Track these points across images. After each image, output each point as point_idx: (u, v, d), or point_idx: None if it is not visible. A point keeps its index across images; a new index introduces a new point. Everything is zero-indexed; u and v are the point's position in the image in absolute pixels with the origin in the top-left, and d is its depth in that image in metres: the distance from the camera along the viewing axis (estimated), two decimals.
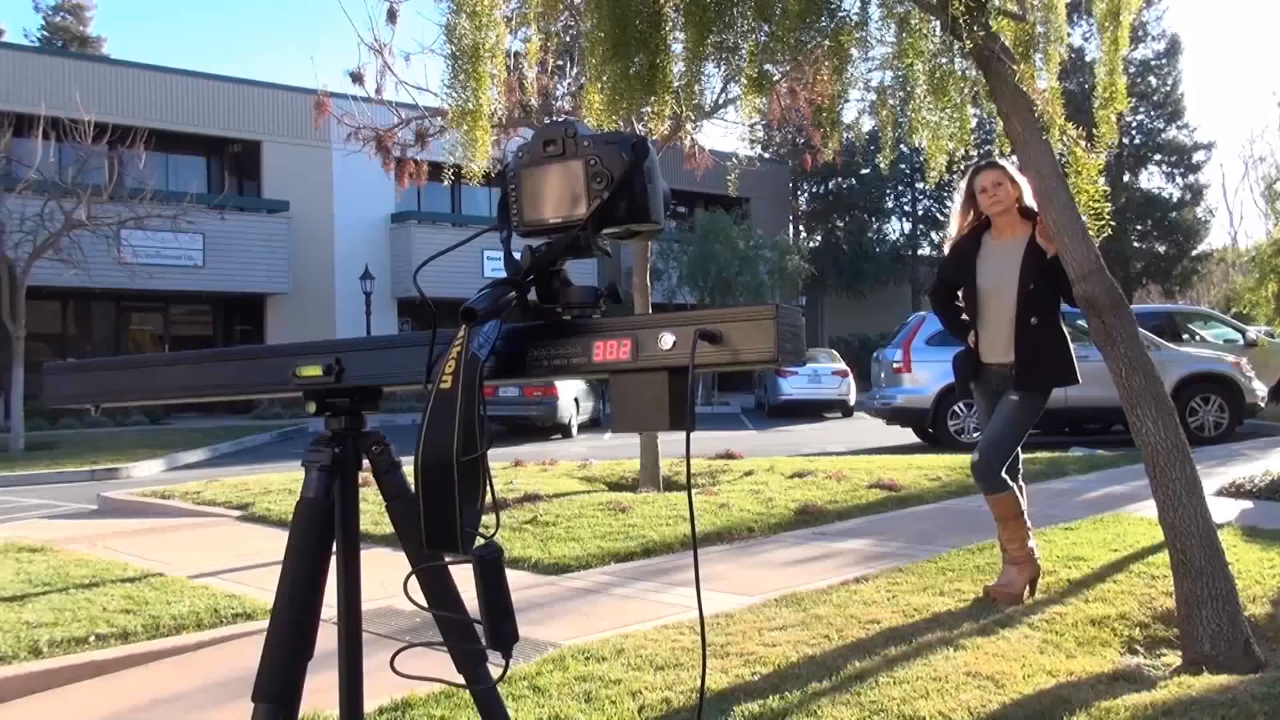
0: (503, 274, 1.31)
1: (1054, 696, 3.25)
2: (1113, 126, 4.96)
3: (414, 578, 1.35)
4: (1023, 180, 4.55)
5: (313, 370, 1.35)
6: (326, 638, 1.48)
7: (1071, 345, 4.63)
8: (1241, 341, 15.89)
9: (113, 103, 21.82)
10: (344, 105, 10.10)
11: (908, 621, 4.22)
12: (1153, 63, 38.58)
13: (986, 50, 4.21)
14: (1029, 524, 4.67)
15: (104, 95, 21.77)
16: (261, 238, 25.03)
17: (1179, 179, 40.14)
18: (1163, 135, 39.39)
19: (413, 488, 1.24)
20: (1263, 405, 13.65)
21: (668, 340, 1.15)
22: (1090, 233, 4.18)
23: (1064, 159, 4.48)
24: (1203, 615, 3.73)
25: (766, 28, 4.44)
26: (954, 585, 4.81)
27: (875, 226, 41.05)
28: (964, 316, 4.79)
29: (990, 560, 5.25)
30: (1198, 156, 39.90)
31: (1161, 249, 39.83)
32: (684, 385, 1.13)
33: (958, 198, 4.89)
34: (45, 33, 40.92)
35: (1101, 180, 4.68)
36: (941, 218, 40.91)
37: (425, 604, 1.38)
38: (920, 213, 41.11)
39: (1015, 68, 4.34)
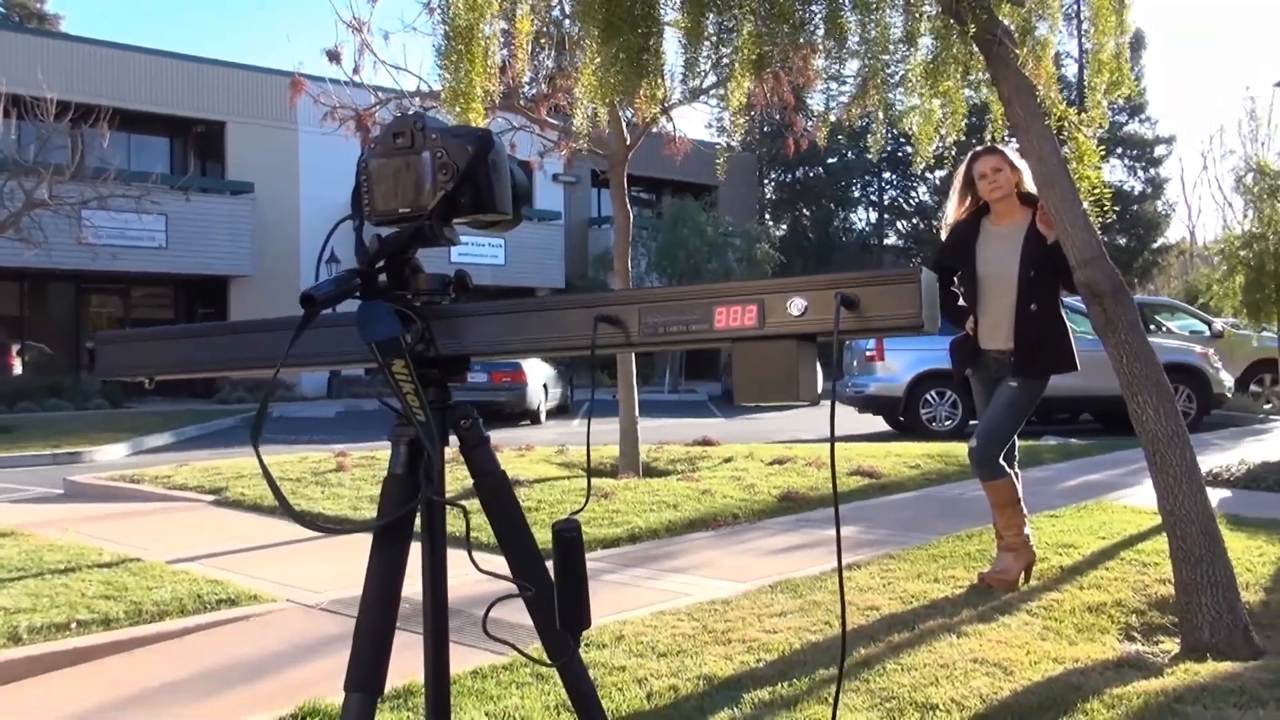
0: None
1: (1064, 684, 3.24)
2: (1104, 112, 4.96)
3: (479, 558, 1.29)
4: (1022, 165, 4.52)
5: None
6: (325, 623, 1.40)
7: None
8: (1208, 333, 16.07)
9: (75, 81, 21.37)
10: (319, 85, 9.92)
11: (907, 608, 4.20)
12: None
13: (989, 34, 4.18)
14: (1025, 511, 4.66)
15: (66, 73, 21.32)
16: (226, 219, 24.66)
17: (1140, 173, 40.53)
18: (1125, 129, 39.74)
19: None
20: (1229, 396, 13.80)
21: (799, 305, 1.09)
22: (1091, 219, 4.17)
23: (1064, 145, 4.46)
24: (1202, 602, 3.73)
25: (767, 6, 4.38)
26: (947, 572, 4.80)
27: (842, 216, 41.15)
28: (961, 302, 4.76)
29: (980, 547, 5.25)
30: (1159, 150, 40.31)
31: (1122, 241, 40.23)
32: (814, 354, 1.08)
33: (956, 183, 4.85)
34: (1, 9, 40.09)
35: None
36: (908, 208, 41.13)
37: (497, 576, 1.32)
38: (886, 203, 41.26)
39: (1018, 52, 4.31)
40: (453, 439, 1.37)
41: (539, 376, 18.53)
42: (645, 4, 4.08)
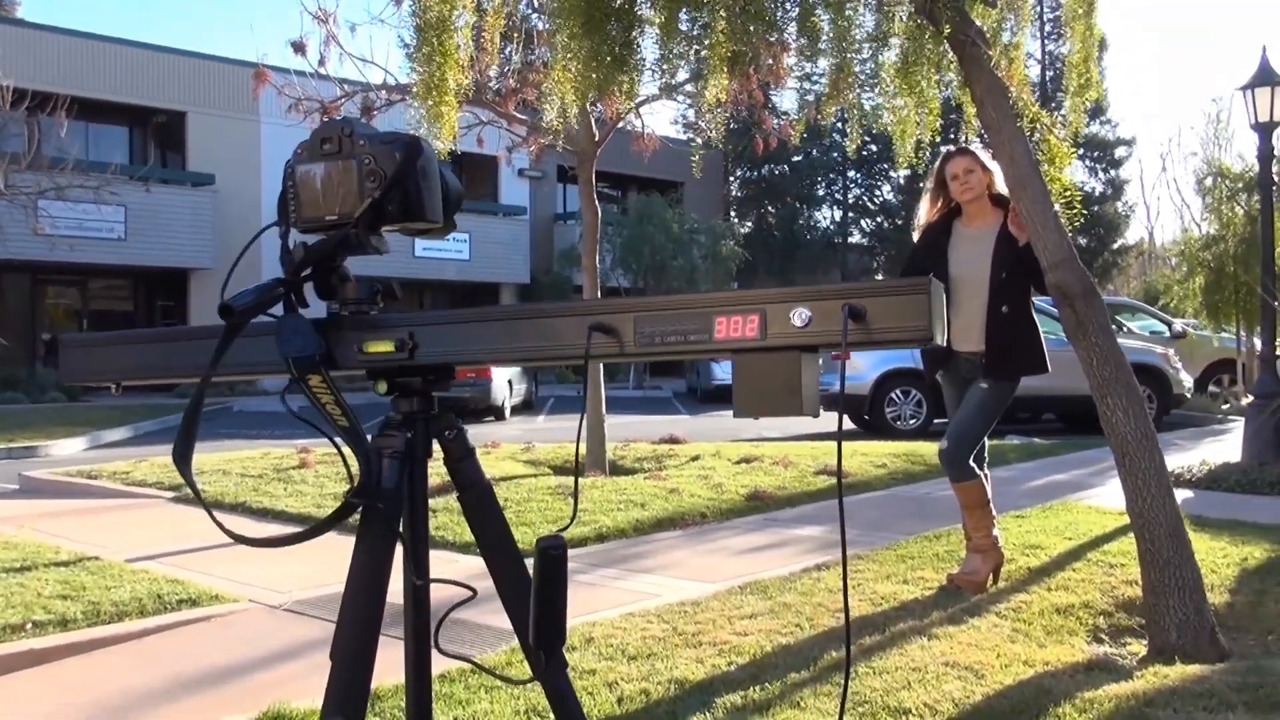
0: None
1: (1036, 687, 3.23)
2: (1081, 115, 4.98)
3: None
4: (994, 167, 4.52)
5: (384, 346, 1.24)
6: (289, 624, 1.35)
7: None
8: (1168, 333, 16.24)
9: (32, 68, 20.98)
10: (283, 76, 9.77)
11: (877, 610, 4.19)
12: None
13: (962, 35, 4.17)
14: (994, 512, 4.67)
15: (23, 60, 20.91)
16: (186, 211, 24.33)
17: (1101, 174, 40.91)
18: (1086, 130, 40.08)
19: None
20: (1189, 396, 13.95)
21: (802, 316, 1.05)
22: (1062, 221, 4.17)
23: (1035, 147, 4.46)
24: (1170, 605, 3.75)
25: (741, 3, 4.34)
26: (916, 573, 4.80)
27: (806, 214, 41.23)
28: None
29: (949, 548, 5.26)
30: (1119, 152, 40.70)
31: (1083, 242, 40.60)
32: (816, 366, 1.04)
33: (928, 184, 4.85)
34: None
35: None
36: (872, 206, 41.25)
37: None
38: (851, 201, 41.40)
39: (990, 53, 4.30)
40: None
41: (504, 372, 18.42)
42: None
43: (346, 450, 1.28)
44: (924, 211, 4.84)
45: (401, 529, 1.25)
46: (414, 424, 1.28)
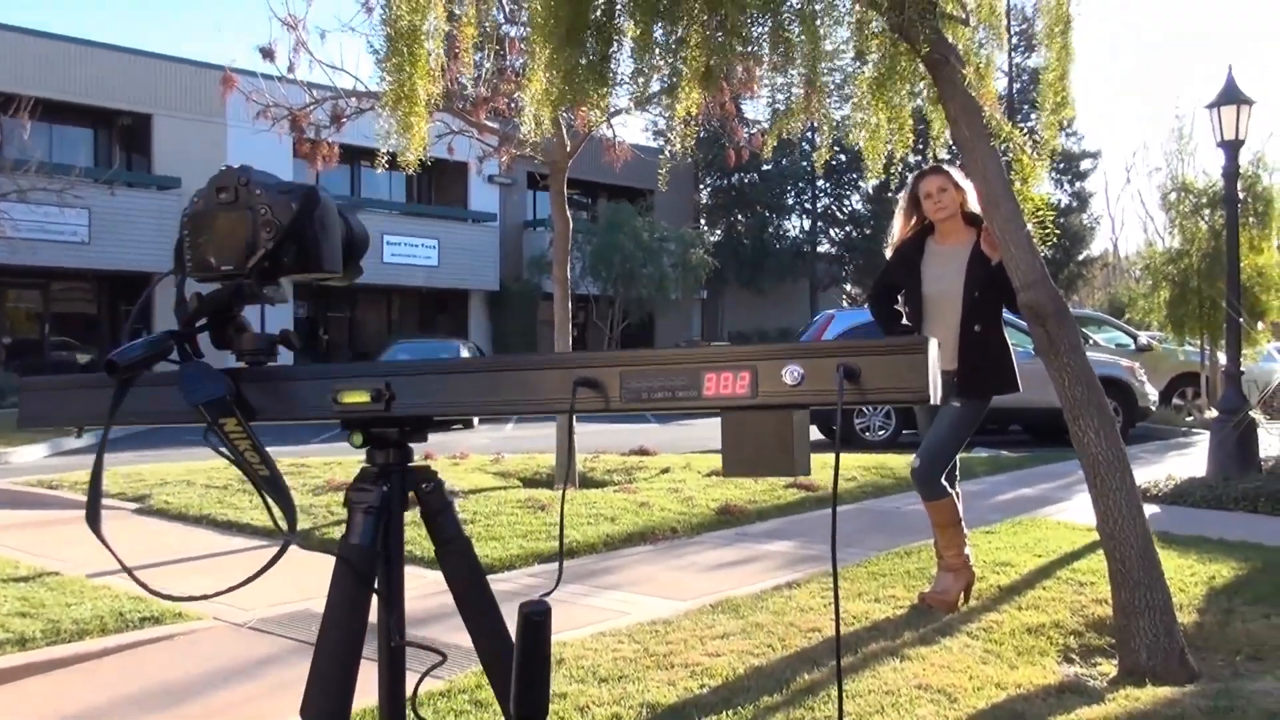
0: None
1: (1009, 711, 3.22)
2: (1056, 133, 5.00)
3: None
4: (967, 185, 4.53)
5: (359, 396, 1.20)
6: (254, 643, 1.31)
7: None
8: (1133, 346, 16.37)
9: None
10: (251, 81, 9.68)
11: (848, 630, 4.17)
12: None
13: (937, 54, 4.16)
14: (965, 530, 4.67)
15: None
16: (151, 215, 24.03)
17: (1066, 186, 41.27)
18: (1052, 142, 40.36)
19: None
20: (1154, 409, 14.08)
21: (794, 374, 1.02)
22: (1035, 241, 4.18)
23: (1007, 165, 4.47)
24: (1140, 626, 3.75)
25: (717, 19, 4.32)
26: (888, 591, 4.79)
27: (776, 223, 41.32)
28: (904, 321, 4.75)
29: (920, 565, 5.25)
30: (1085, 165, 41.08)
31: (1048, 254, 40.83)
32: (808, 424, 1.01)
33: (901, 202, 4.85)
34: None
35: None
36: (841, 216, 41.40)
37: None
38: (820, 210, 41.55)
39: (964, 72, 4.30)
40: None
41: None
42: (607, 11, 4.02)
43: (290, 478, 1.23)
44: (897, 229, 4.84)
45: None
46: (390, 477, 1.24)
